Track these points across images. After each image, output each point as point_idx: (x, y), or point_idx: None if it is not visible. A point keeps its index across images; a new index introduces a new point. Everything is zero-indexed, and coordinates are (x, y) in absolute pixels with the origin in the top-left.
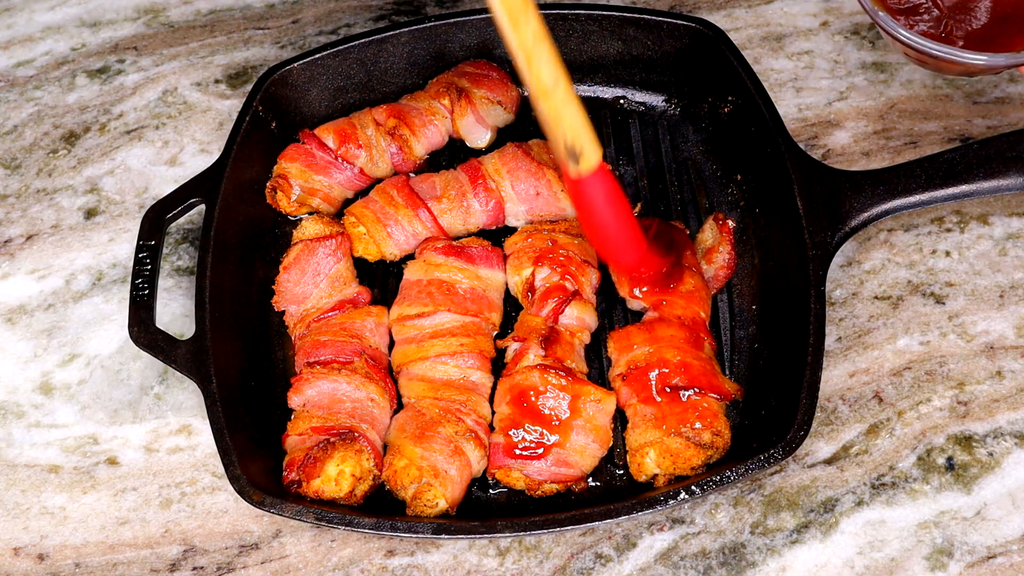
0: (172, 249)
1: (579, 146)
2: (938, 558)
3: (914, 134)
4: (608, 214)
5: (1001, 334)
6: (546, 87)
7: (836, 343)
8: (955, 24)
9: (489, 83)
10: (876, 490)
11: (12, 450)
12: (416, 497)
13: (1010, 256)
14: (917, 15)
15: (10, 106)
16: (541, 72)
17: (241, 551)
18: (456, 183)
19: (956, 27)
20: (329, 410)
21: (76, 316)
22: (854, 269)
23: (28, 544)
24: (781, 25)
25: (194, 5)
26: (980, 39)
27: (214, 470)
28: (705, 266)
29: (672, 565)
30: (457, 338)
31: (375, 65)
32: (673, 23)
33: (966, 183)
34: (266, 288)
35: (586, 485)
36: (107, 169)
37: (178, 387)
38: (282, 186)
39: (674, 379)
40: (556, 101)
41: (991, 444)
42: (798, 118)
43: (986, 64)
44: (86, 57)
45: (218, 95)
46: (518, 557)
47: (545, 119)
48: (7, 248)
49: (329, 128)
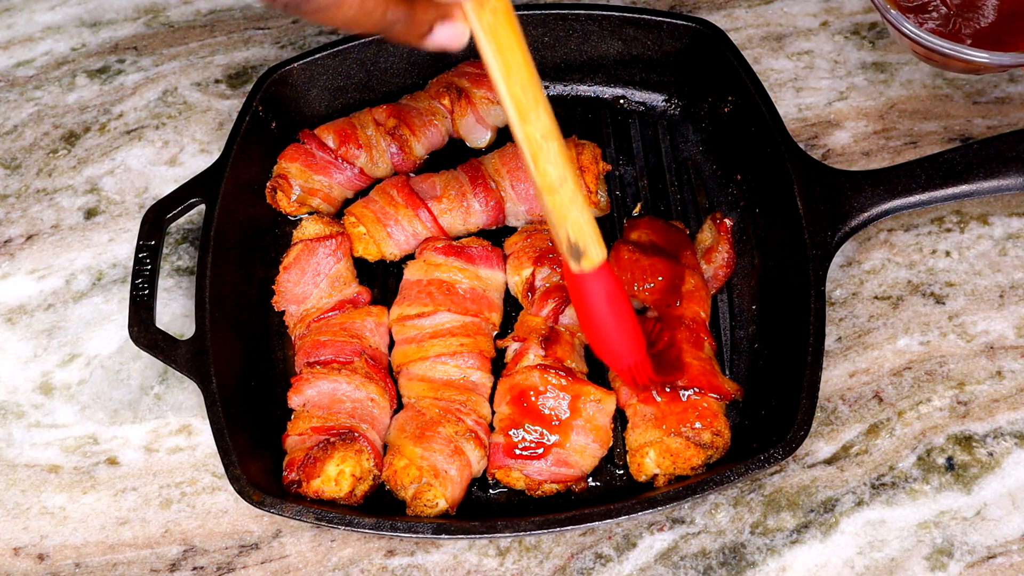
0: (172, 249)
1: (583, 244)
2: (938, 558)
3: (914, 134)
4: (607, 313)
5: (1001, 334)
6: (552, 184)
7: (836, 343)
8: (963, 22)
9: (489, 83)
10: (876, 490)
11: (12, 450)
12: (416, 497)
13: (1010, 256)
14: (926, 13)
15: (10, 106)
16: (548, 170)
17: (241, 551)
18: (456, 183)
19: (964, 25)
20: (329, 410)
21: (76, 316)
22: (854, 269)
23: (28, 544)
24: (781, 25)
25: (194, 5)
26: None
27: (214, 470)
28: (705, 266)
29: (672, 565)
30: (457, 338)
31: (375, 65)
32: (673, 23)
33: (966, 183)
34: (266, 288)
35: (586, 485)
36: (107, 169)
37: (178, 387)
38: (282, 186)
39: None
40: (562, 198)
41: (991, 444)
42: (798, 118)
43: (991, 62)
44: (86, 57)
45: (218, 95)
46: (518, 557)
47: (548, 213)
48: (7, 248)
49: (329, 128)
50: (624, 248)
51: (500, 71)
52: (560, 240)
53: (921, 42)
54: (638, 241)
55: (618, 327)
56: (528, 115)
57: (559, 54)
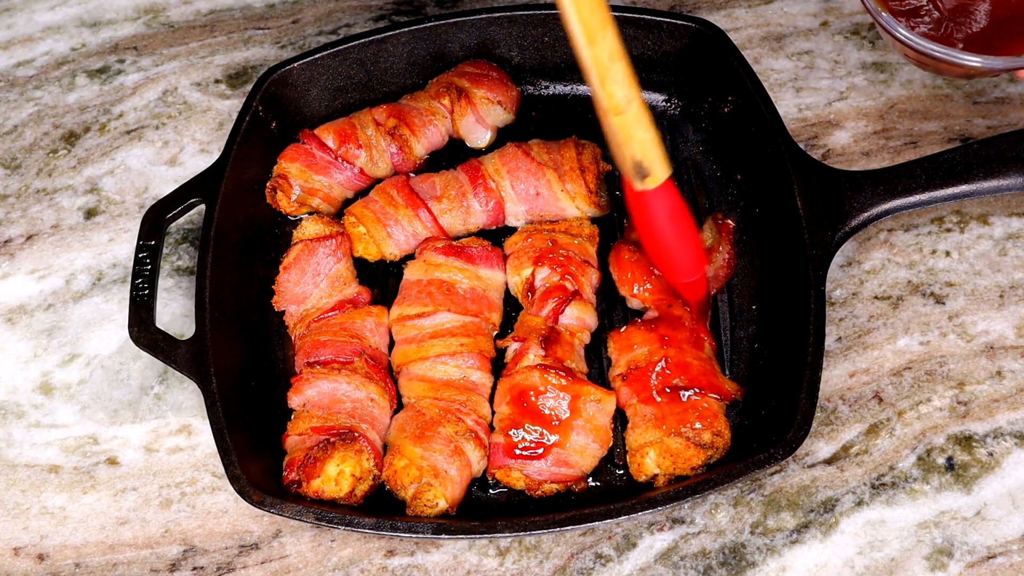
0: (172, 249)
1: (648, 163)
2: (938, 558)
3: (914, 134)
4: (671, 229)
5: (1001, 334)
6: (619, 105)
7: (836, 343)
8: (955, 26)
9: (489, 83)
10: (876, 490)
11: (12, 450)
12: (416, 497)
13: (1010, 256)
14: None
15: (10, 106)
16: (615, 91)
17: (241, 551)
18: (456, 183)
19: (956, 29)
20: (329, 410)
21: (76, 316)
22: (854, 269)
23: (28, 544)
24: (781, 25)
25: (194, 5)
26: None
27: (214, 470)
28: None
29: (672, 565)
30: (457, 338)
31: (375, 65)
32: (673, 23)
33: (966, 183)
34: (266, 288)
35: (586, 485)
36: (107, 169)
37: (178, 387)
38: (282, 186)
39: (674, 379)
40: (628, 119)
41: (991, 444)
42: (798, 118)
43: (983, 66)
44: (86, 57)
45: (218, 95)
46: (518, 557)
47: (612, 134)
48: (7, 248)
49: (329, 128)
50: (624, 248)
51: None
52: (624, 159)
53: (913, 46)
54: (638, 241)
55: (681, 241)
56: (596, 37)
57: (559, 54)
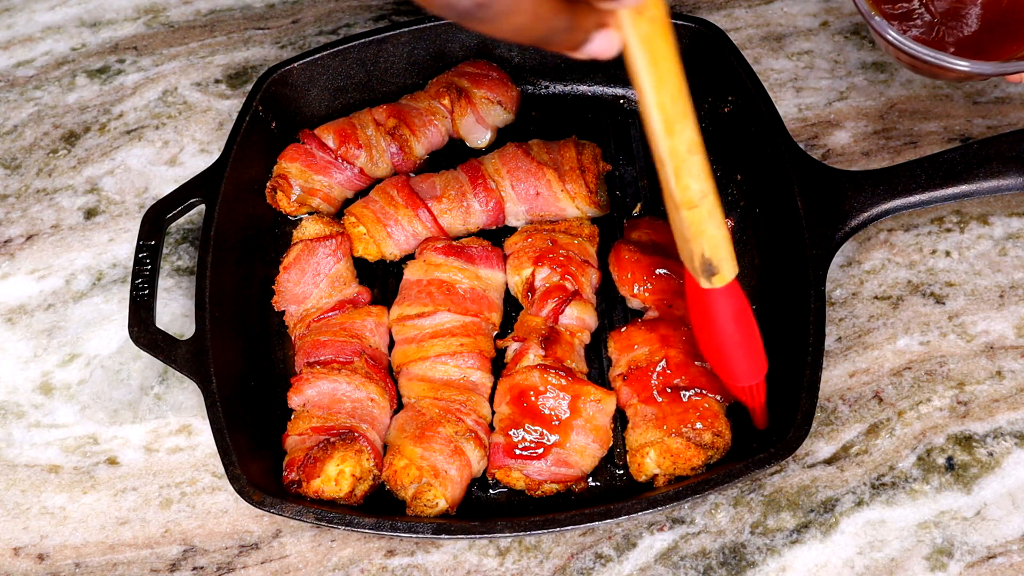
0: (172, 249)
1: (717, 261)
2: (938, 558)
3: (914, 134)
4: (734, 331)
5: (1001, 334)
6: (693, 200)
7: (836, 343)
8: (947, 30)
9: (489, 83)
10: (876, 490)
11: (12, 450)
12: (416, 497)
13: (1010, 256)
14: (910, 20)
15: (10, 106)
16: (690, 184)
17: (241, 551)
18: (456, 183)
19: (947, 33)
20: (329, 410)
21: (76, 316)
22: (854, 269)
23: (28, 544)
24: (781, 25)
25: (194, 5)
26: (971, 46)
27: (214, 470)
28: None
29: (672, 565)
30: (457, 338)
31: (375, 65)
32: (673, 23)
33: (966, 183)
34: (266, 288)
35: (586, 485)
36: (107, 169)
37: (178, 387)
38: (282, 186)
39: (675, 379)
40: (701, 214)
41: (991, 444)
42: (798, 118)
43: (972, 70)
44: (86, 57)
45: (218, 95)
46: (518, 557)
47: (682, 228)
48: (7, 248)
49: (329, 128)
50: (624, 248)
51: (651, 82)
52: (691, 255)
53: (904, 49)
54: (638, 241)
55: (743, 344)
56: (675, 127)
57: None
